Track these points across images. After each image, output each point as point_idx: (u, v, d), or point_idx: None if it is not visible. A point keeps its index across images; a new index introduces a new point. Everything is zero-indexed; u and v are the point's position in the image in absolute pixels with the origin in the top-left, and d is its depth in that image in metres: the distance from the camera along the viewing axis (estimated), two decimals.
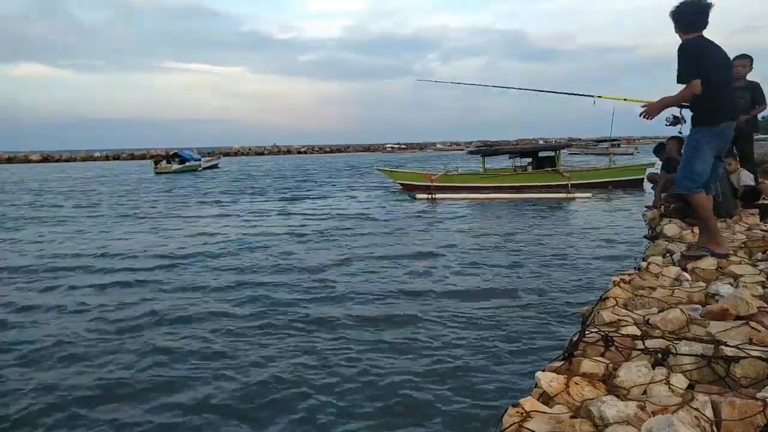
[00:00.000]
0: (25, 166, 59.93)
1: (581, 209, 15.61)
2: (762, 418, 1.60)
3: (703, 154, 3.87)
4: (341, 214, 15.69)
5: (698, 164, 3.88)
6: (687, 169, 3.93)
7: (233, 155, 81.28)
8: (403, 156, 67.89)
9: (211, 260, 9.50)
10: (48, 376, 4.88)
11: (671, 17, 3.89)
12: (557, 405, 1.81)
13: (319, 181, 29.70)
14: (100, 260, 9.76)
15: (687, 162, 3.96)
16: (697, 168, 3.88)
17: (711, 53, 3.82)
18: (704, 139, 3.86)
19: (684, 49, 3.76)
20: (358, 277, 8.12)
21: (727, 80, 3.99)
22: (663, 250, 4.43)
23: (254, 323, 6.12)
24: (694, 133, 3.93)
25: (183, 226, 13.86)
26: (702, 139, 3.87)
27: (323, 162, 56.59)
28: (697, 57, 3.72)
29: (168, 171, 37.75)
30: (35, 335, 5.92)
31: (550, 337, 5.43)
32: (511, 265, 8.71)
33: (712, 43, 3.89)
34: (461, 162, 32.95)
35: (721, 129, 3.89)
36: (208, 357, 5.22)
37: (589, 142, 57.57)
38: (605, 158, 26.92)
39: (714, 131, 3.86)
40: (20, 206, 19.33)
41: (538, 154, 22.31)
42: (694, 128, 3.93)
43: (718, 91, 3.78)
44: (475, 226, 13.15)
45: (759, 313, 2.53)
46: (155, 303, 6.99)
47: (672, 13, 3.88)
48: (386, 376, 4.71)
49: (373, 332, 5.77)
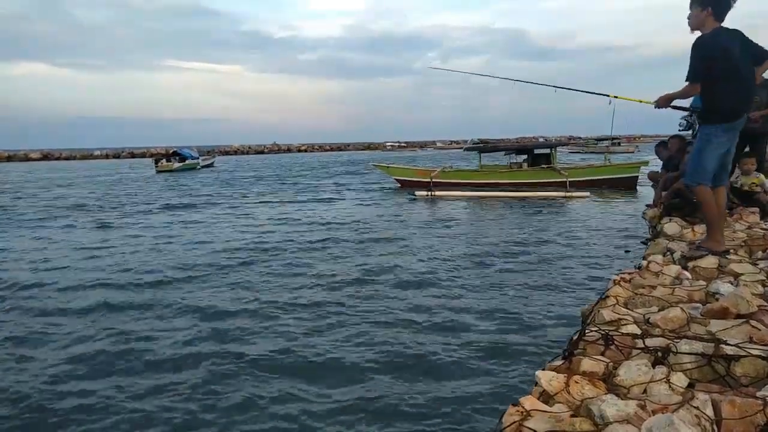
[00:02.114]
0: (26, 164, 59.95)
1: (580, 207, 15.62)
2: (762, 416, 1.60)
3: (713, 149, 3.86)
4: (340, 213, 15.70)
5: (708, 158, 3.87)
6: (696, 162, 3.94)
7: (233, 154, 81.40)
8: (402, 154, 67.82)
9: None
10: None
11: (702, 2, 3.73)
12: (557, 404, 1.81)
13: (318, 178, 29.72)
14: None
15: (697, 155, 3.95)
16: (706, 162, 3.87)
17: (727, 46, 3.72)
18: (715, 134, 3.84)
19: (697, 48, 3.71)
20: (353, 276, 8.11)
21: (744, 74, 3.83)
22: (663, 248, 4.43)
23: (238, 323, 6.12)
24: (705, 128, 3.91)
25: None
26: (713, 134, 3.85)
27: (322, 160, 56.59)
28: (709, 56, 3.67)
29: (169, 169, 37.72)
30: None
31: (550, 335, 5.43)
32: (511, 263, 8.71)
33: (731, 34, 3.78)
34: (457, 161, 32.97)
35: (733, 125, 3.87)
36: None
37: (589, 140, 57.56)
38: (602, 157, 27.01)
39: (725, 126, 3.85)
40: (18, 206, 19.39)
41: (533, 151, 22.53)
42: (705, 123, 3.91)
43: (730, 87, 3.73)
44: (472, 223, 13.15)
45: (759, 312, 2.53)
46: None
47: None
48: (386, 376, 4.71)
49: (371, 332, 5.77)
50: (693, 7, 3.79)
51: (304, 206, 17.46)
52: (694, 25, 3.83)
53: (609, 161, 22.82)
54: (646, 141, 73.91)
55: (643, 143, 69.78)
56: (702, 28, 3.79)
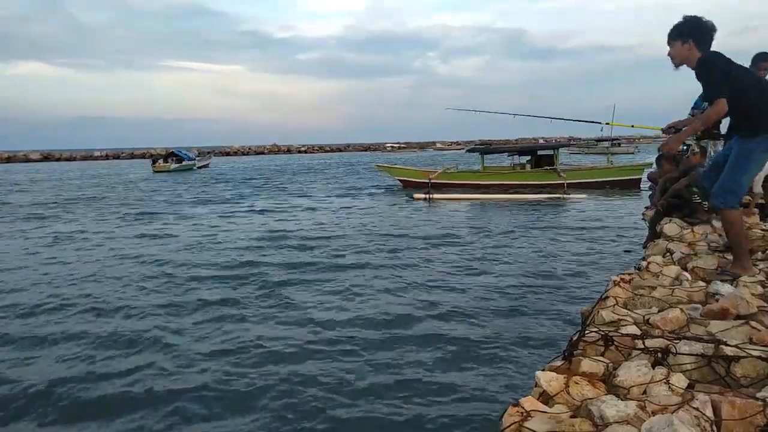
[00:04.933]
0: (26, 165, 59.88)
1: (580, 208, 15.61)
2: (762, 417, 1.60)
3: (752, 166, 3.52)
4: (337, 212, 15.71)
5: (745, 177, 3.52)
6: (732, 180, 3.48)
7: (233, 155, 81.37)
8: (401, 156, 67.71)
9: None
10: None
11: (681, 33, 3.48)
12: (557, 404, 1.81)
13: (314, 180, 29.72)
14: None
15: (733, 173, 3.49)
16: (743, 181, 3.52)
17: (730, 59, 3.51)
18: (758, 149, 3.46)
19: (705, 65, 3.41)
20: (352, 274, 8.11)
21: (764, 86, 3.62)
22: (663, 249, 4.42)
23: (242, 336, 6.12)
24: (746, 143, 3.46)
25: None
26: (756, 149, 3.45)
27: (322, 161, 56.54)
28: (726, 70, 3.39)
29: (166, 170, 38.13)
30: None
31: (550, 336, 5.43)
32: (511, 264, 8.71)
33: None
34: (458, 162, 32.97)
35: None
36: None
37: (590, 141, 57.48)
38: (605, 158, 27.00)
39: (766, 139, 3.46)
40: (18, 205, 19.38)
41: (536, 152, 22.51)
42: (746, 138, 3.47)
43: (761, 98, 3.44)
44: (472, 225, 13.14)
45: (759, 313, 2.53)
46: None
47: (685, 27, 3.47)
48: (385, 375, 4.71)
49: (370, 332, 5.76)
50: (673, 44, 3.54)
51: (297, 208, 17.47)
52: (678, 61, 3.56)
53: (612, 163, 22.80)
54: (647, 142, 73.81)
55: (643, 144, 69.75)
56: (687, 62, 3.53)
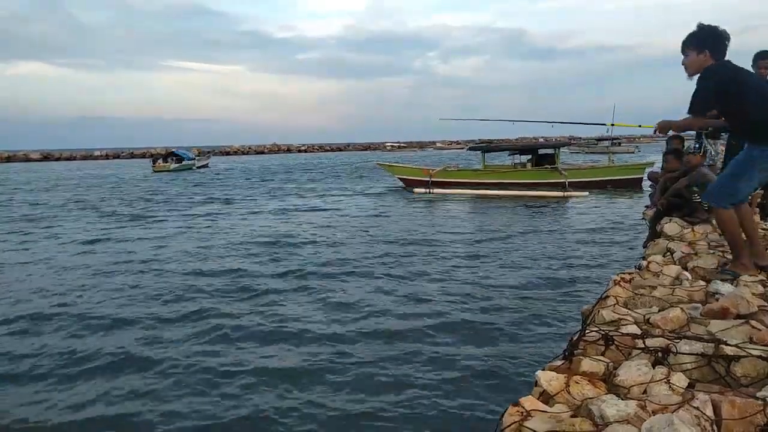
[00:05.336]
0: (26, 165, 59.87)
1: (581, 208, 15.62)
2: (762, 417, 1.60)
3: (754, 174, 3.52)
4: (336, 212, 15.71)
5: (744, 183, 3.53)
6: (730, 184, 3.54)
7: (233, 154, 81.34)
8: (402, 155, 67.69)
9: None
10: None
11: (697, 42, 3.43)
12: (557, 404, 1.81)
13: (317, 179, 29.72)
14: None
15: (732, 177, 3.55)
16: (741, 186, 3.53)
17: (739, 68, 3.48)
18: (761, 158, 3.45)
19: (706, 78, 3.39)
20: (352, 275, 8.11)
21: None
22: (663, 248, 4.42)
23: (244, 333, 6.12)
24: (752, 150, 3.48)
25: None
26: (759, 157, 3.46)
27: (322, 160, 56.55)
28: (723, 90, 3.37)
29: (166, 170, 38.20)
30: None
31: (550, 336, 5.43)
32: (511, 264, 8.71)
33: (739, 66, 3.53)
34: (458, 161, 32.96)
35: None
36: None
37: (590, 140, 57.44)
38: (605, 157, 26.96)
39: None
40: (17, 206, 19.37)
41: (537, 151, 22.50)
42: (752, 144, 3.48)
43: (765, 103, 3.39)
44: (472, 223, 13.15)
45: (759, 312, 2.53)
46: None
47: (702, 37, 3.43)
48: (386, 376, 4.71)
49: (370, 332, 5.77)
50: (688, 52, 3.49)
51: (296, 207, 17.47)
52: (692, 71, 3.51)
53: (613, 162, 22.76)
54: (647, 141, 73.80)
55: (643, 143, 69.71)
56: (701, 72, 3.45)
